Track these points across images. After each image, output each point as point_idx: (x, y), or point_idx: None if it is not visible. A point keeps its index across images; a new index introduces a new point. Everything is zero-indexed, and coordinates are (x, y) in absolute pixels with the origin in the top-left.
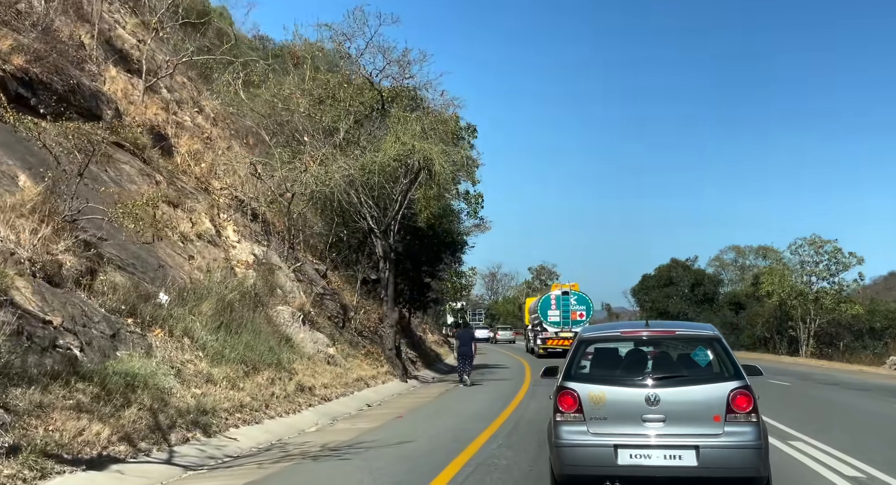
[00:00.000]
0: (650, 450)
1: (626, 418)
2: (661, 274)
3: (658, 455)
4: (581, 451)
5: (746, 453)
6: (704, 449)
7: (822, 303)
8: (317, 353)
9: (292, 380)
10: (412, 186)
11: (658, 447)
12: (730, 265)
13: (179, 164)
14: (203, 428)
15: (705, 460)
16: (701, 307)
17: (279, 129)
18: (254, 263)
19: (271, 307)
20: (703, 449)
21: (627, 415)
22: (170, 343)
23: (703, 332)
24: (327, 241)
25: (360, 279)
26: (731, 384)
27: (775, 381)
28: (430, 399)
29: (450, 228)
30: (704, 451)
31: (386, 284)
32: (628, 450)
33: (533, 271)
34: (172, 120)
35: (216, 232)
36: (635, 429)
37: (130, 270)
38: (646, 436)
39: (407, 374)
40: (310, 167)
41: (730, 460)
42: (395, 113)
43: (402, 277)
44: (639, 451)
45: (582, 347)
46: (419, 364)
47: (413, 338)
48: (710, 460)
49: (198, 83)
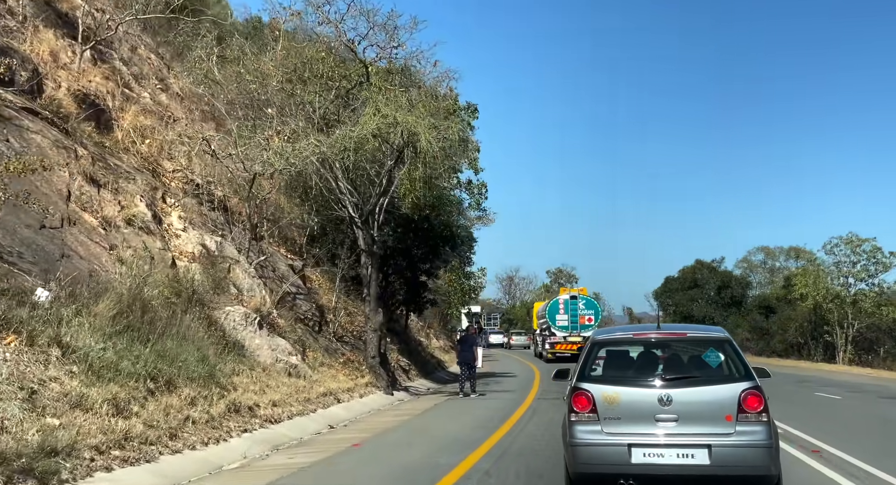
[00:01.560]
0: (663, 449)
1: (640, 417)
2: (686, 276)
3: (671, 454)
4: (595, 450)
5: (758, 451)
6: (717, 448)
7: (861, 306)
8: (275, 362)
9: (224, 398)
10: (396, 166)
11: (671, 446)
12: (758, 267)
13: (121, 140)
14: (40, 478)
15: (717, 458)
16: (728, 311)
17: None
18: (201, 255)
19: (218, 308)
20: (716, 448)
21: (641, 415)
22: (27, 355)
23: (713, 334)
24: (308, 233)
25: (338, 276)
26: (742, 385)
27: (824, 394)
28: (410, 417)
29: (448, 221)
30: (717, 450)
31: (368, 282)
32: (642, 449)
33: (551, 274)
34: (121, 93)
35: (154, 218)
36: (649, 428)
37: (11, 260)
38: (659, 435)
39: (396, 384)
40: (272, 142)
41: (742, 459)
42: (376, 81)
43: (396, 275)
44: (652, 450)
45: (595, 350)
46: (414, 373)
47: (410, 344)
48: (723, 459)
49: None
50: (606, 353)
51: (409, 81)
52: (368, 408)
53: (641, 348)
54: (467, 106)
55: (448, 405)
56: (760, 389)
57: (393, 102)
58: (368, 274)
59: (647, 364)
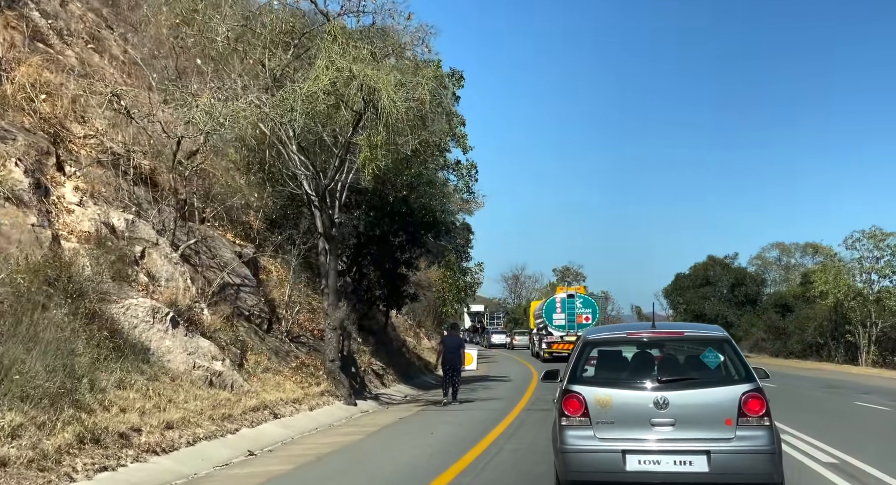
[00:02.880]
0: (659, 455)
1: (634, 422)
2: (697, 273)
3: (668, 461)
4: (588, 456)
5: (760, 458)
6: (716, 454)
7: (885, 304)
8: (191, 369)
9: (78, 423)
10: (355, 133)
11: (668, 452)
12: (773, 264)
13: (10, 95)
14: None
15: (717, 465)
16: (742, 310)
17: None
18: (100, 235)
19: (115, 301)
20: (715, 454)
21: (635, 419)
22: None
23: (712, 333)
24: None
25: (293, 265)
26: (742, 387)
27: (865, 403)
28: (361, 437)
29: (429, 204)
30: (716, 456)
31: (326, 272)
32: (637, 455)
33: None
34: (27, 44)
35: (37, 188)
36: (644, 434)
37: None
38: (655, 441)
39: (363, 392)
40: (200, 100)
41: (742, 466)
42: (331, 28)
43: (371, 266)
44: (648, 456)
45: (586, 350)
46: (391, 378)
47: (390, 344)
48: (722, 466)
49: (118, 24)
50: (598, 353)
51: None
52: (316, 424)
53: (635, 349)
54: (451, 73)
55: (417, 419)
56: (762, 391)
57: (350, 54)
58: (326, 262)
59: (642, 365)
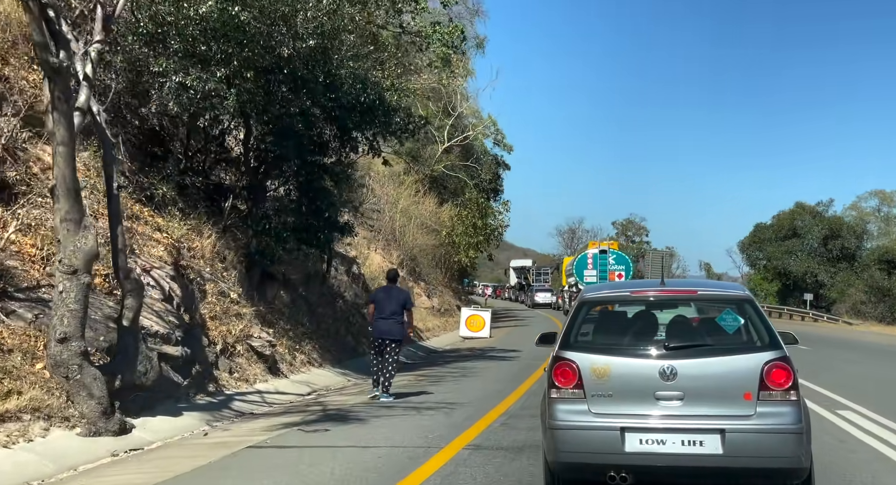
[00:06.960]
0: (665, 434)
1: (636, 395)
2: (782, 223)
3: (674, 440)
4: (581, 434)
5: (784, 438)
6: (731, 433)
7: None
8: None
9: None
10: None
11: (674, 431)
12: (871, 215)
13: None
14: None
15: (732, 446)
16: (837, 267)
17: None
18: None
19: None
20: (730, 433)
21: (637, 392)
22: None
23: (731, 292)
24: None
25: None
26: (765, 355)
27: None
28: None
29: (358, 74)
30: (731, 436)
31: (53, 154)
32: (638, 434)
33: (618, 226)
34: None
35: None
36: (647, 409)
37: None
38: (660, 417)
39: (189, 396)
40: None
41: (763, 448)
42: None
43: (282, 179)
44: (651, 435)
45: (584, 310)
46: (304, 359)
47: (328, 307)
48: (739, 447)
49: None
50: (599, 314)
51: None
52: None
53: (640, 309)
54: None
55: (224, 471)
56: (789, 360)
57: None
58: (57, 140)
59: (647, 329)
